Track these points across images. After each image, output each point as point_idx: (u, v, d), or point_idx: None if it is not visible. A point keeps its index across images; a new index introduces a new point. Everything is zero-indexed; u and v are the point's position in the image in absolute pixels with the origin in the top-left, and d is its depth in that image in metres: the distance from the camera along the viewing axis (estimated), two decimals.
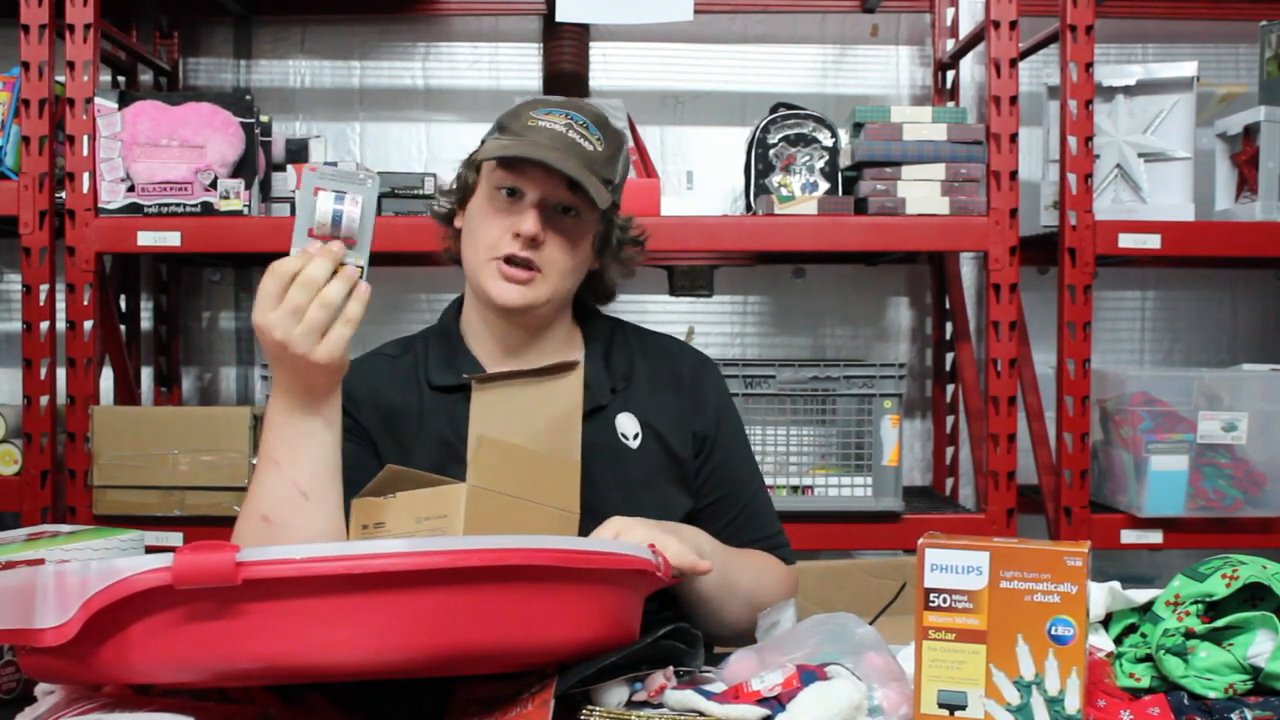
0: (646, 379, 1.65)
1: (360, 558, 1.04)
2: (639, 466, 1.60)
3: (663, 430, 1.62)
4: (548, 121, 1.54)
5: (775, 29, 3.39)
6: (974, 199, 2.71)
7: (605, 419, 1.60)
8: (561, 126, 1.53)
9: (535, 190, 1.53)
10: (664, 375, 1.67)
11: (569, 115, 1.55)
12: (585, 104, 1.61)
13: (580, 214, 1.55)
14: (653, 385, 1.65)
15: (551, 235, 1.53)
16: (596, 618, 1.20)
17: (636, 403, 1.63)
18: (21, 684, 1.33)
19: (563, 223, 1.55)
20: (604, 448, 1.58)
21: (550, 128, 1.53)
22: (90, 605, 1.02)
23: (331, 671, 1.07)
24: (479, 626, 1.09)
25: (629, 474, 1.59)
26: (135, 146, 2.65)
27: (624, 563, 1.24)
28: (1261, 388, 2.68)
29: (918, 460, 3.40)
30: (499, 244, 1.54)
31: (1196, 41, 3.38)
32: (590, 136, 1.55)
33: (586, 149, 1.53)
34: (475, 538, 1.29)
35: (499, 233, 1.54)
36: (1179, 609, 1.30)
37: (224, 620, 1.03)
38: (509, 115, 1.59)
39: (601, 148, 1.55)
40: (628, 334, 1.70)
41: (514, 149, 1.51)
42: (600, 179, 1.53)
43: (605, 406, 1.61)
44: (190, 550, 1.02)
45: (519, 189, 1.53)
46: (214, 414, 2.74)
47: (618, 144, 1.59)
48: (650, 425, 1.62)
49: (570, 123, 1.54)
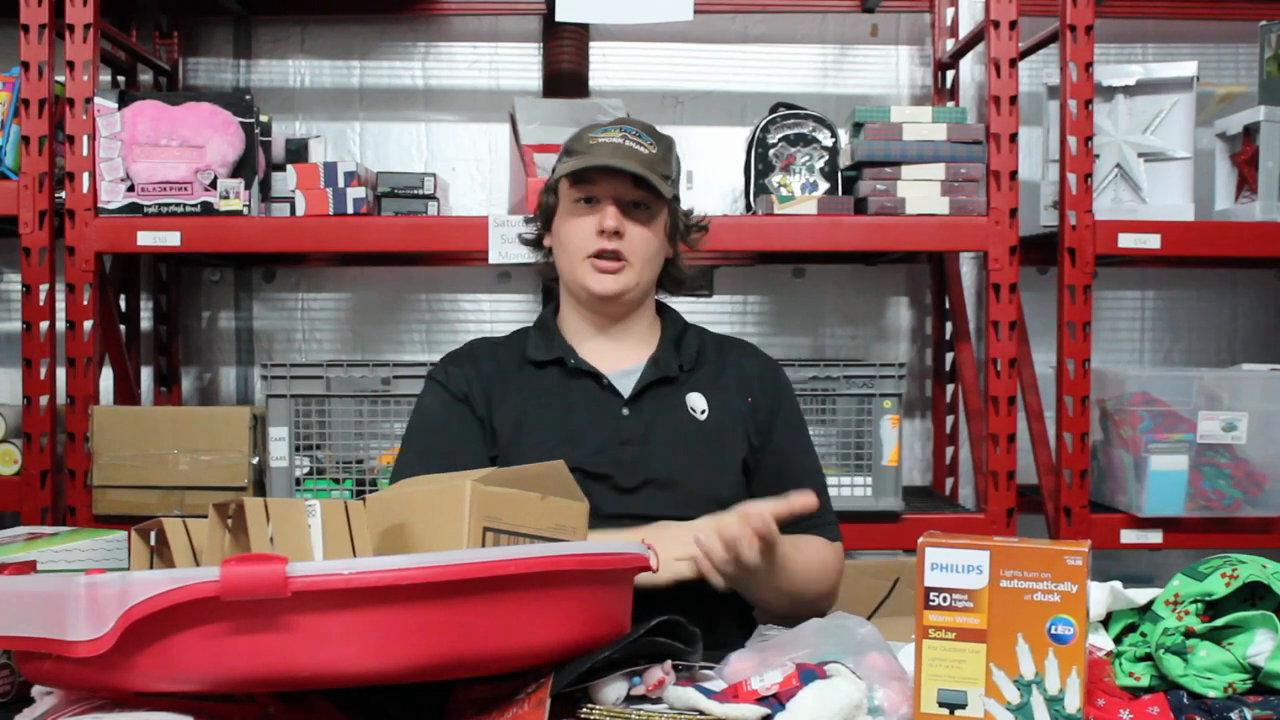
0: (715, 367, 1.90)
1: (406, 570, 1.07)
2: (706, 434, 1.83)
3: (726, 409, 1.85)
4: (606, 138, 1.81)
5: (775, 29, 3.39)
6: (974, 199, 2.71)
7: (678, 394, 1.85)
8: (618, 139, 1.80)
9: (609, 192, 1.79)
10: (732, 366, 1.91)
11: (623, 129, 1.82)
12: (633, 119, 1.90)
13: (649, 206, 1.81)
14: (720, 373, 1.89)
15: (630, 226, 1.79)
16: (597, 616, 1.21)
17: (706, 386, 1.86)
18: (16, 686, 1.33)
19: (636, 215, 1.80)
20: (674, 415, 1.83)
21: (609, 142, 1.80)
22: (129, 616, 1.02)
23: (361, 679, 1.09)
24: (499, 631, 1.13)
25: (696, 439, 1.81)
26: (135, 146, 2.65)
27: (624, 562, 1.24)
28: (1261, 388, 2.67)
29: (918, 460, 3.40)
30: (588, 243, 1.79)
31: (1196, 41, 3.38)
32: (644, 142, 1.81)
33: (643, 152, 1.79)
34: (504, 548, 1.32)
35: (586, 235, 1.80)
36: (1178, 608, 1.30)
37: (267, 632, 1.04)
38: (572, 140, 1.86)
39: (656, 150, 1.82)
40: (701, 332, 1.96)
41: (584, 162, 1.78)
42: (659, 175, 1.79)
43: (674, 380, 1.85)
44: (238, 562, 1.03)
45: (594, 196, 1.80)
46: (214, 414, 2.74)
47: (668, 146, 1.86)
48: (716, 405, 1.85)
49: (625, 134, 1.81)
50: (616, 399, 1.83)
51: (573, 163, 1.80)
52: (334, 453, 2.72)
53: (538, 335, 1.89)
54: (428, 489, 1.50)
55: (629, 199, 1.80)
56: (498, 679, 1.22)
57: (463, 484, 1.41)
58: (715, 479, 1.80)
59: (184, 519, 1.40)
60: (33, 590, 1.11)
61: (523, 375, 1.86)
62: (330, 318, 3.40)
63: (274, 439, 2.66)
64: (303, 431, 2.68)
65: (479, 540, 1.37)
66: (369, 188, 2.78)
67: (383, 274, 3.37)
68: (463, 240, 2.70)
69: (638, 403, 1.82)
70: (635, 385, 1.83)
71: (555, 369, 1.85)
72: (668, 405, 1.83)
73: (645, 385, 1.83)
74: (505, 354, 1.90)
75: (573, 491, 1.57)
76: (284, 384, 2.67)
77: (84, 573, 1.09)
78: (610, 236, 1.78)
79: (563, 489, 1.56)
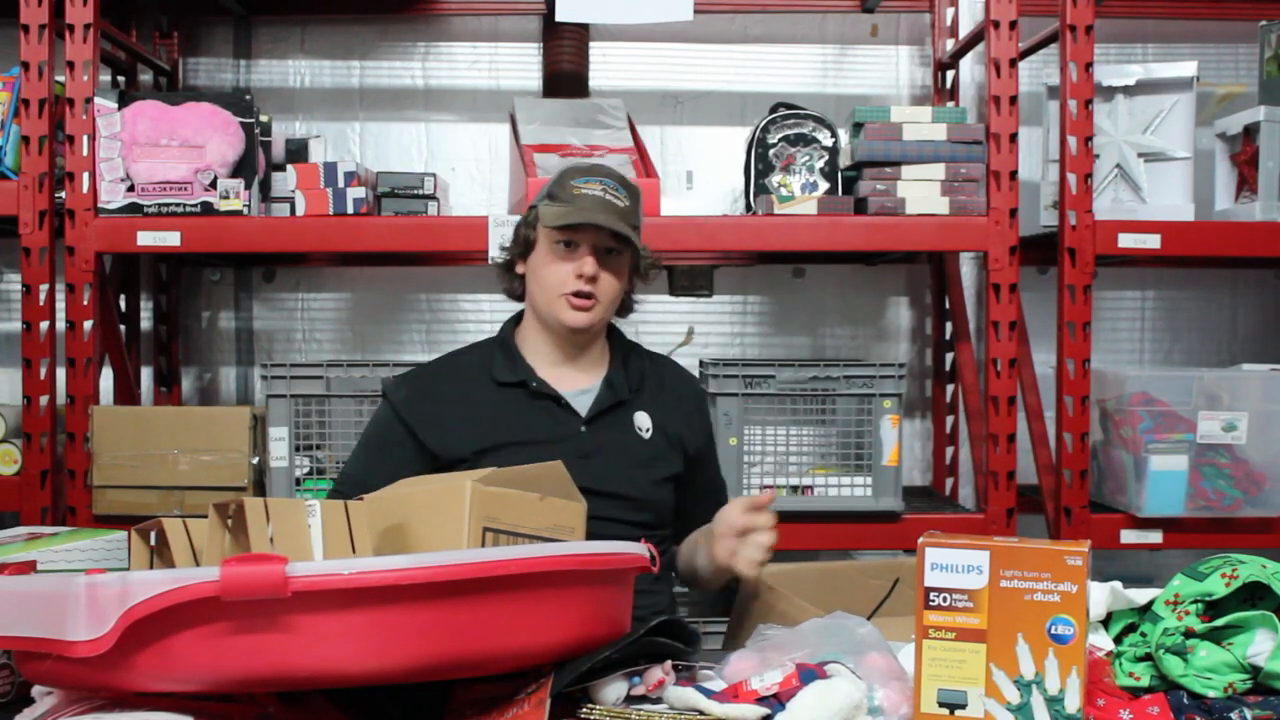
0: (655, 386, 2.14)
1: (406, 570, 1.07)
2: (649, 450, 2.07)
3: (665, 428, 2.10)
4: (588, 189, 2.00)
5: (775, 29, 3.39)
6: (974, 199, 2.71)
7: (627, 414, 2.07)
8: (599, 191, 2.00)
9: (589, 241, 1.99)
10: (669, 388, 2.16)
11: (603, 182, 2.02)
12: (609, 169, 2.09)
13: (621, 253, 2.03)
14: (657, 394, 2.13)
15: (603, 272, 2.00)
16: (597, 616, 1.21)
17: (649, 405, 2.11)
18: (16, 686, 1.33)
19: (609, 261, 2.01)
20: (624, 433, 2.05)
21: (591, 194, 2.00)
22: (130, 616, 1.02)
23: (361, 679, 1.09)
24: (499, 631, 1.13)
25: (642, 455, 2.05)
26: (135, 146, 2.65)
27: (624, 562, 1.24)
28: (1261, 388, 2.67)
29: (918, 460, 3.40)
30: (566, 283, 2.00)
31: (1196, 41, 3.38)
32: (620, 196, 2.01)
33: (620, 206, 2.00)
34: (506, 548, 1.32)
35: (564, 275, 2.00)
36: (1179, 608, 1.30)
37: (267, 632, 1.04)
38: (556, 185, 2.04)
39: (629, 203, 2.03)
40: (640, 353, 2.19)
41: (573, 216, 1.98)
42: (631, 225, 2.01)
43: (626, 403, 2.07)
44: (238, 562, 1.03)
45: (575, 241, 2.00)
46: (214, 414, 2.74)
47: (636, 196, 2.07)
48: (657, 424, 2.10)
49: (605, 188, 2.01)
50: (575, 418, 2.03)
51: (559, 212, 1.99)
52: (334, 453, 2.72)
53: (501, 355, 2.08)
54: (428, 489, 1.50)
55: (605, 247, 2.00)
56: (498, 679, 1.22)
57: (463, 484, 1.41)
58: (654, 490, 2.05)
59: (184, 519, 1.40)
60: (33, 590, 1.11)
61: (488, 393, 2.05)
62: (330, 318, 3.40)
63: (274, 439, 2.66)
64: (303, 431, 2.68)
65: (479, 540, 1.37)
66: (369, 188, 2.78)
67: (383, 274, 3.37)
68: (463, 240, 2.70)
69: (594, 424, 2.04)
70: (592, 408, 2.04)
71: (519, 390, 2.04)
72: (619, 424, 2.06)
73: (601, 409, 2.05)
74: (469, 372, 2.09)
75: (570, 492, 1.57)
76: (284, 384, 2.67)
77: (84, 573, 1.09)
78: (587, 281, 1.99)
79: (561, 489, 1.56)
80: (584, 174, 2.06)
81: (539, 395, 2.04)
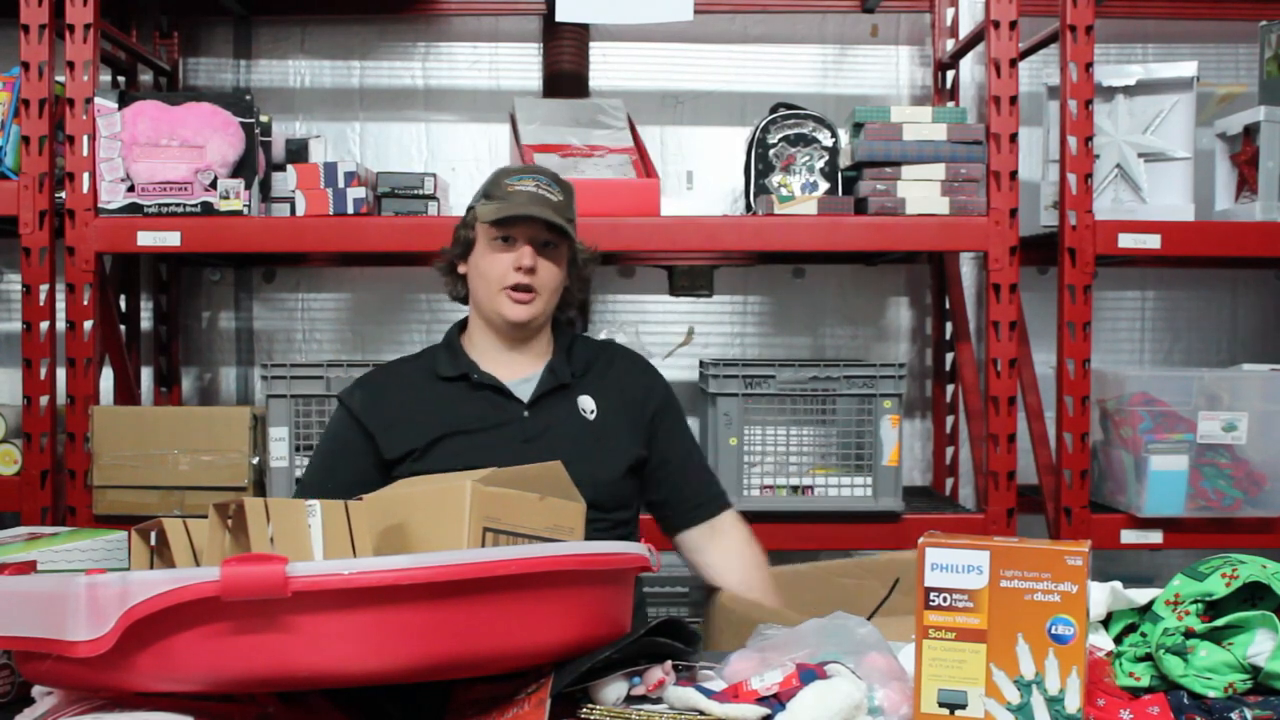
0: (600, 370, 2.16)
1: (406, 570, 1.07)
2: (594, 431, 2.09)
3: (613, 406, 2.12)
4: (521, 186, 2.05)
5: (775, 29, 3.39)
6: (974, 199, 2.71)
7: (569, 399, 2.10)
8: (532, 187, 2.05)
9: (525, 234, 2.04)
10: (616, 366, 2.18)
11: (536, 179, 2.07)
12: (543, 167, 2.15)
13: (557, 245, 2.07)
14: (604, 374, 2.16)
15: (541, 263, 2.05)
16: (597, 616, 1.21)
17: (593, 388, 2.13)
18: (16, 686, 1.33)
19: (546, 253, 2.06)
20: (567, 416, 2.08)
21: (525, 190, 2.04)
22: (130, 616, 1.02)
23: (361, 679, 1.09)
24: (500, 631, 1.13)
25: (586, 435, 2.07)
26: (135, 146, 2.65)
27: (624, 562, 1.24)
28: (1261, 388, 2.67)
29: (918, 460, 3.40)
30: (505, 277, 2.04)
31: (1196, 41, 3.38)
32: (553, 190, 2.07)
33: (553, 200, 2.06)
34: (508, 548, 1.32)
35: (503, 269, 2.04)
36: (1179, 608, 1.30)
37: (267, 632, 1.04)
38: (490, 184, 2.09)
39: (562, 197, 2.08)
40: (586, 341, 2.23)
41: (507, 210, 2.02)
42: (565, 218, 2.06)
43: (569, 387, 2.10)
44: (238, 562, 1.03)
45: (512, 236, 2.04)
46: (214, 414, 2.74)
47: (570, 192, 2.13)
48: (603, 404, 2.11)
49: (538, 184, 2.06)
50: (517, 404, 2.07)
51: (495, 208, 2.03)
52: None
53: (445, 354, 2.13)
54: (428, 489, 1.50)
55: (541, 239, 2.05)
56: (498, 679, 1.22)
57: (463, 484, 1.41)
58: (600, 468, 2.03)
59: (184, 519, 1.40)
60: (33, 590, 1.11)
61: (433, 390, 2.09)
62: (330, 318, 3.40)
63: (274, 439, 2.66)
64: (303, 431, 2.68)
65: (479, 540, 1.37)
66: (369, 188, 2.78)
67: (383, 274, 3.37)
68: None
69: (536, 407, 2.07)
70: (534, 391, 2.08)
71: (461, 383, 2.09)
72: (562, 408, 2.09)
73: (543, 392, 2.08)
74: (415, 373, 2.14)
75: (569, 492, 1.57)
76: (284, 384, 2.67)
77: (84, 573, 1.09)
78: (526, 272, 2.03)
79: (560, 490, 1.56)
80: (518, 173, 2.11)
81: (481, 386, 2.07)
